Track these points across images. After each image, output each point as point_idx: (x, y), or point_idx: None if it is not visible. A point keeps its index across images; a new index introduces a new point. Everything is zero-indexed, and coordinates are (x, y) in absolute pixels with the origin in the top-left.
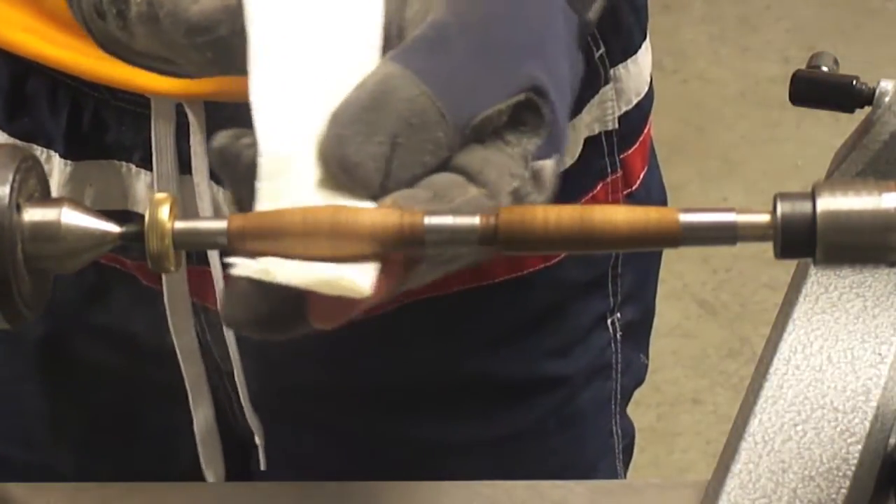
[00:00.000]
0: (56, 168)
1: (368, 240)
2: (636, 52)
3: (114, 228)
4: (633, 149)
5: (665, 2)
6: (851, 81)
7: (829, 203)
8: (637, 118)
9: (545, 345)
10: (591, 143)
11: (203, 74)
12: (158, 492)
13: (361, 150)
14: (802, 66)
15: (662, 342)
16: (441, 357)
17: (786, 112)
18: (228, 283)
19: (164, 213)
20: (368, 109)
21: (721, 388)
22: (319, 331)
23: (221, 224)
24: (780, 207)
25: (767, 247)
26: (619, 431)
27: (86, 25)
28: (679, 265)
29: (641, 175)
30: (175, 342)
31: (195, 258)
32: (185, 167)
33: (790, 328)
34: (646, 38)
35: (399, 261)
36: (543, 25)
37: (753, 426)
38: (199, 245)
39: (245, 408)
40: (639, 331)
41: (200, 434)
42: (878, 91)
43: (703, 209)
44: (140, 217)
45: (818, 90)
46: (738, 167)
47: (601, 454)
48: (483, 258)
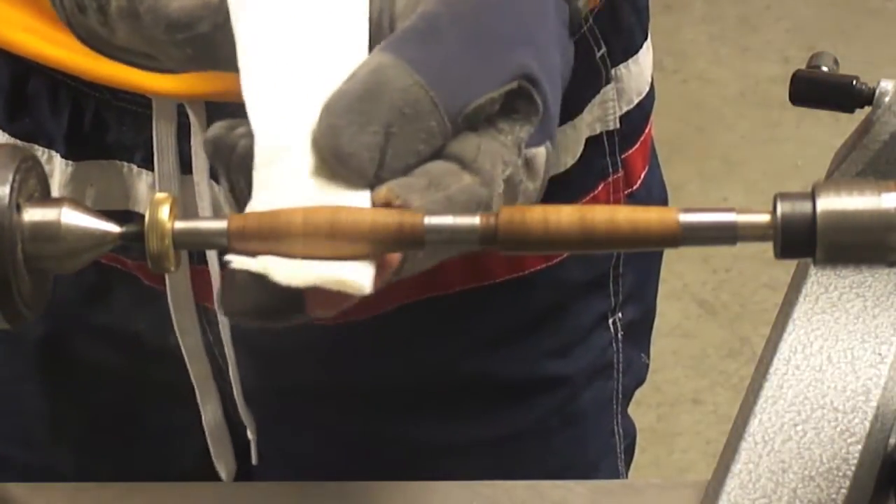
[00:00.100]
0: (57, 168)
1: (368, 240)
2: (637, 52)
3: (114, 228)
4: (635, 148)
5: (666, 2)
6: (851, 81)
7: (829, 203)
8: (638, 118)
9: (546, 345)
10: (593, 143)
11: (183, 70)
12: (158, 492)
13: (355, 141)
14: (802, 66)
15: (662, 342)
16: (441, 357)
17: (786, 112)
18: (226, 274)
19: (164, 213)
20: (362, 99)
21: (721, 388)
22: (317, 324)
23: (221, 224)
24: (780, 207)
25: (767, 247)
26: (621, 431)
27: (67, 20)
28: (679, 265)
29: (642, 175)
30: (180, 341)
31: (195, 258)
32: (186, 167)
33: (790, 328)
34: (647, 38)
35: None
36: (534, 13)
37: (753, 426)
38: (199, 245)
39: (238, 403)
40: (640, 331)
41: (210, 431)
42: (878, 91)
43: (703, 209)
44: (140, 217)
45: (818, 90)
46: (738, 167)
47: (602, 454)
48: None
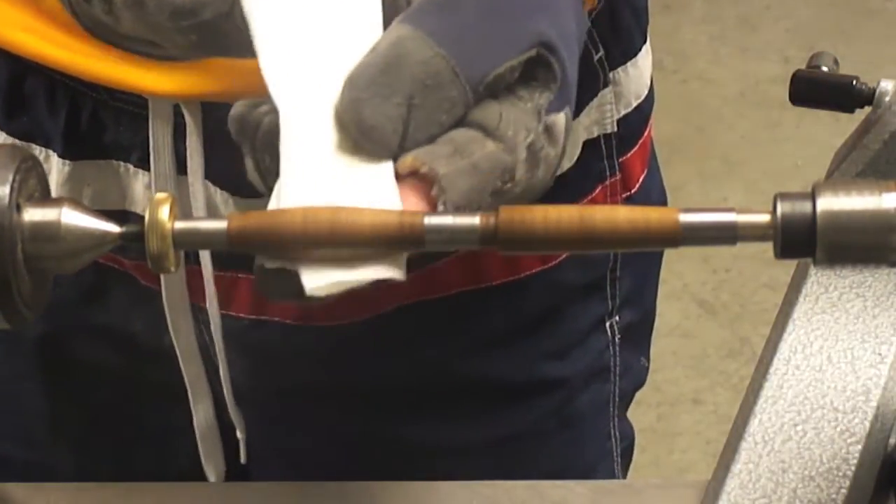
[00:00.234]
0: (54, 168)
1: (368, 240)
2: (636, 55)
3: (114, 228)
4: (633, 152)
5: (665, 2)
6: (851, 81)
7: (830, 203)
8: (637, 121)
9: (543, 347)
10: (590, 146)
11: (188, 57)
12: (158, 492)
13: (378, 113)
14: (802, 66)
15: (662, 342)
16: (439, 359)
17: (786, 112)
18: (258, 265)
19: (164, 214)
20: (383, 72)
21: (721, 388)
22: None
23: (221, 224)
24: (780, 207)
25: (767, 247)
26: (618, 434)
27: (71, 9)
28: (679, 265)
29: (641, 178)
30: (174, 341)
31: (191, 257)
32: (183, 167)
33: (790, 328)
34: (646, 42)
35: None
36: None
37: (753, 426)
38: (199, 245)
39: (228, 403)
40: (638, 334)
41: (201, 431)
42: (878, 91)
43: (703, 209)
44: (139, 217)
45: (818, 90)
46: (738, 167)
47: (599, 456)
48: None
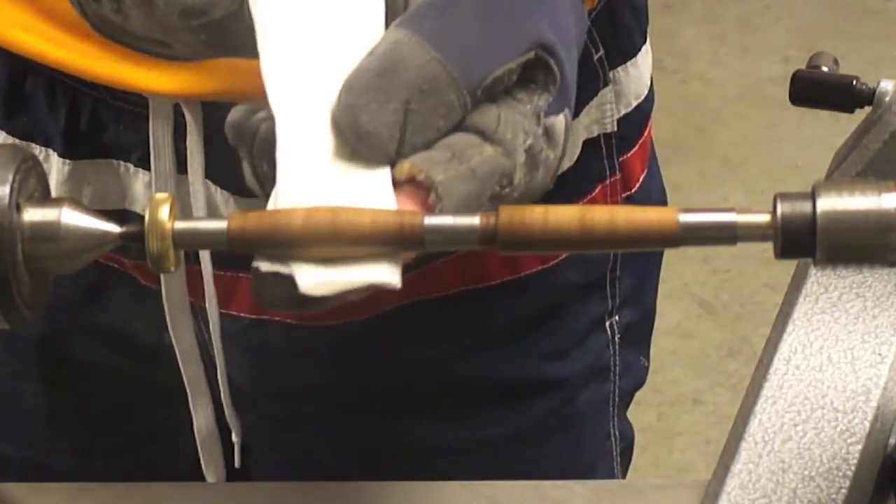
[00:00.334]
0: (54, 167)
1: (368, 240)
2: (636, 55)
3: (114, 228)
4: (633, 151)
5: (665, 2)
6: (851, 81)
7: (829, 203)
8: (637, 121)
9: (543, 347)
10: (590, 146)
11: (198, 57)
12: (158, 492)
13: (375, 119)
14: (802, 66)
15: (662, 342)
16: (439, 358)
17: (786, 112)
18: (255, 271)
19: (165, 213)
20: (380, 77)
21: (721, 388)
22: (316, 325)
23: (221, 224)
24: (780, 207)
25: (767, 247)
26: (617, 434)
27: (80, 8)
28: (679, 265)
29: (641, 178)
30: (174, 341)
31: (191, 257)
32: (183, 167)
33: (790, 328)
34: (646, 41)
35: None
36: None
37: (753, 426)
38: (199, 245)
39: (225, 404)
40: (638, 333)
41: (200, 433)
42: (878, 91)
43: (703, 209)
44: (139, 217)
45: (818, 90)
46: (738, 167)
47: (598, 456)
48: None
